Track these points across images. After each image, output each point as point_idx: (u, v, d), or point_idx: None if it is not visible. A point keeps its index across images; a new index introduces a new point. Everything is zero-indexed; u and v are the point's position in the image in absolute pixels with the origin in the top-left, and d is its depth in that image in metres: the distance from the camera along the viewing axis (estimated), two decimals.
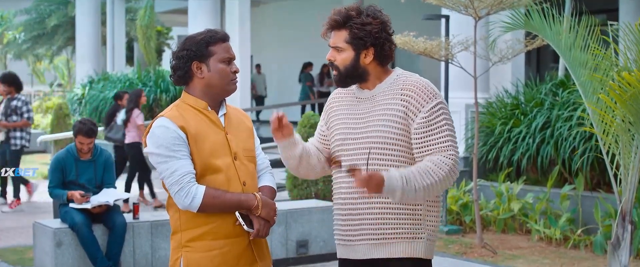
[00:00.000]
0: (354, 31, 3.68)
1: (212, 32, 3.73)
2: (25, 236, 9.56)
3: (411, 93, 3.65)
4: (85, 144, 7.63)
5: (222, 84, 3.72)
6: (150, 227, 7.59)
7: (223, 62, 3.71)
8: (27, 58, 33.39)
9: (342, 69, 3.73)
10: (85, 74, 23.14)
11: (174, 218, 3.74)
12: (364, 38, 3.67)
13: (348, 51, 3.71)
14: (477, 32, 8.93)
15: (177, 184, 3.58)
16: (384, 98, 3.71)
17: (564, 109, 9.93)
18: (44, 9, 27.89)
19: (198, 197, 3.58)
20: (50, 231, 7.32)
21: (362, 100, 3.79)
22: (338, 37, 3.72)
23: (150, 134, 3.65)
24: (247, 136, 3.87)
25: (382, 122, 3.67)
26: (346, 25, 3.70)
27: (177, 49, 3.76)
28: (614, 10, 14.25)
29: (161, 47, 26.15)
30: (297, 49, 25.94)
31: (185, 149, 3.61)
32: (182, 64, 3.71)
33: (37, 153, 19.28)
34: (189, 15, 18.52)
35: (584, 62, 6.80)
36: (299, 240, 8.14)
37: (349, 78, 3.75)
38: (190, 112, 3.70)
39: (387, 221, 3.68)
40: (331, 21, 3.74)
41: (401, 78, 3.74)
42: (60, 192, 7.51)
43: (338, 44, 3.72)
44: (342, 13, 3.72)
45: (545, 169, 10.07)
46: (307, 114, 10.63)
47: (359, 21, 3.68)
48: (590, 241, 8.89)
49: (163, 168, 3.61)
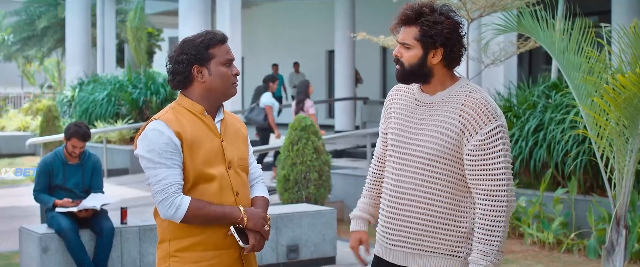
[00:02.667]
0: (425, 28, 3.51)
1: (211, 34, 3.59)
2: (12, 241, 9.45)
3: (471, 112, 3.49)
4: (78, 147, 7.52)
5: (223, 87, 3.59)
6: (139, 232, 7.50)
7: (224, 65, 3.58)
8: (17, 60, 33.23)
9: (406, 67, 3.56)
10: (75, 76, 23.02)
11: (162, 226, 3.61)
12: (435, 37, 3.50)
13: (416, 49, 3.54)
14: (469, 35, 8.86)
15: (162, 192, 3.46)
16: (443, 108, 3.55)
17: (557, 111, 9.87)
18: (33, 10, 27.78)
19: (182, 209, 3.46)
20: (36, 236, 7.21)
21: (421, 104, 3.63)
22: (407, 33, 3.55)
23: (143, 136, 3.52)
24: (243, 144, 3.75)
25: (436, 135, 3.53)
26: (417, 21, 3.53)
27: (174, 52, 3.60)
28: (605, 12, 14.22)
29: (152, 48, 26.07)
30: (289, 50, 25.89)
31: (177, 157, 3.49)
32: (182, 69, 3.56)
33: (26, 156, 19.17)
34: (180, 17, 18.43)
35: (578, 65, 6.73)
36: (290, 245, 8.05)
37: (412, 76, 3.59)
38: (186, 116, 3.57)
39: (428, 233, 3.57)
40: (402, 16, 3.57)
41: (464, 90, 3.56)
42: (47, 198, 7.40)
43: (407, 41, 3.55)
44: (415, 9, 3.54)
45: (538, 172, 10.01)
46: (298, 117, 10.54)
47: (431, 19, 3.51)
48: (584, 245, 8.82)
49: (150, 174, 3.49)
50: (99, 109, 19.59)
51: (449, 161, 3.52)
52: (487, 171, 3.47)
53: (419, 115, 3.62)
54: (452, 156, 3.51)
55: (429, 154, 3.52)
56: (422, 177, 3.54)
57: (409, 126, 3.63)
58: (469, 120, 3.48)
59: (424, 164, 3.53)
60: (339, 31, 20.43)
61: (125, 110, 19.40)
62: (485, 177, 3.48)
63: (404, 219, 3.60)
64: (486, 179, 3.48)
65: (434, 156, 3.52)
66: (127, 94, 19.22)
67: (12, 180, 15.87)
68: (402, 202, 3.60)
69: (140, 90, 19.32)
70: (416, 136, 3.58)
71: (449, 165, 3.52)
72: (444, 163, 3.52)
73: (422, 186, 3.55)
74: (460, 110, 3.50)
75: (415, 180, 3.55)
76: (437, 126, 3.53)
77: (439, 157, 3.51)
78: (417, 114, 3.63)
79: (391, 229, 3.66)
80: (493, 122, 3.47)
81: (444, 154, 3.51)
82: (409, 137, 3.61)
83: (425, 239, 3.58)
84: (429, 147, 3.52)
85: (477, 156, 3.48)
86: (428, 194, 3.54)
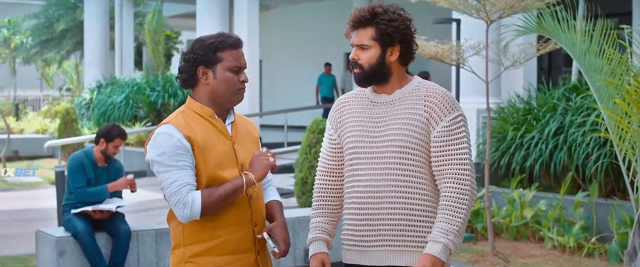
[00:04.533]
0: (382, 27, 3.53)
1: (223, 37, 3.51)
2: (29, 244, 9.42)
3: (435, 100, 3.54)
4: (119, 147, 7.54)
5: (227, 93, 3.52)
6: (155, 236, 7.45)
7: (231, 70, 3.50)
8: (36, 62, 33.33)
9: (366, 68, 3.57)
10: (94, 79, 23.08)
11: (176, 231, 3.57)
12: (392, 34, 3.53)
13: (374, 49, 3.55)
14: (488, 36, 8.77)
15: (175, 194, 3.40)
16: (405, 103, 3.58)
17: (578, 114, 9.76)
18: (52, 13, 27.83)
19: (196, 203, 3.39)
20: (52, 240, 7.18)
21: (379, 104, 3.64)
22: (363, 35, 3.57)
23: (152, 141, 3.47)
24: (255, 147, 3.70)
25: (404, 126, 3.54)
26: (373, 22, 3.54)
27: (186, 50, 3.56)
28: (626, 13, 14.08)
29: (170, 51, 26.06)
30: (307, 53, 25.84)
31: (188, 159, 3.43)
32: (188, 67, 3.51)
33: (44, 158, 19.20)
34: (197, 20, 18.42)
35: (600, 67, 6.64)
36: (307, 248, 7.96)
37: (373, 77, 3.59)
38: (196, 119, 3.52)
39: (410, 228, 3.54)
40: (356, 18, 3.58)
41: (423, 85, 3.61)
42: (98, 189, 7.34)
43: (364, 42, 3.56)
44: (368, 10, 3.56)
45: (559, 175, 9.91)
46: (316, 119, 10.48)
47: (386, 17, 3.53)
48: (605, 249, 8.71)
49: (163, 177, 3.43)
50: (117, 111, 19.62)
51: (420, 151, 3.53)
52: (453, 155, 3.51)
53: (380, 114, 3.61)
54: (422, 145, 3.53)
55: (400, 147, 3.52)
56: (397, 172, 3.52)
57: (371, 126, 3.61)
58: (433, 109, 3.53)
59: (396, 158, 3.52)
60: None
61: (143, 112, 19.43)
62: (452, 162, 3.51)
63: (383, 217, 3.56)
64: (452, 163, 3.50)
65: (405, 148, 3.52)
66: (145, 97, 19.23)
67: (30, 182, 15.90)
68: (378, 201, 3.56)
69: (158, 93, 19.33)
70: (383, 132, 3.57)
71: (421, 156, 3.53)
72: (416, 154, 3.52)
73: (398, 181, 3.52)
74: (424, 100, 3.55)
75: (390, 176, 3.53)
76: (403, 118, 3.55)
77: (411, 149, 3.52)
78: (377, 113, 3.62)
79: (368, 230, 3.60)
80: (455, 111, 3.54)
81: (414, 145, 3.52)
82: (375, 135, 3.58)
83: (408, 235, 3.55)
84: (399, 140, 3.52)
85: (443, 142, 3.51)
86: (406, 187, 3.53)
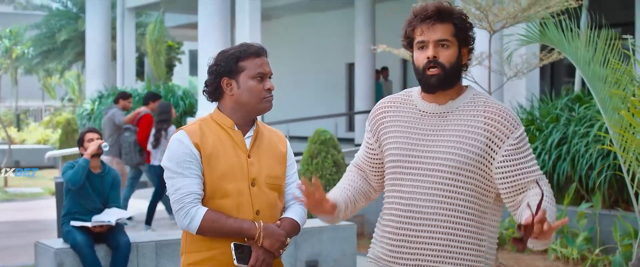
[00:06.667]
0: (460, 25, 3.24)
1: (245, 46, 3.53)
2: (28, 255, 9.38)
3: (497, 117, 3.24)
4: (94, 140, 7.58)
5: (252, 102, 3.51)
6: (155, 247, 7.39)
7: (254, 78, 3.49)
8: (37, 73, 33.35)
9: (448, 67, 3.24)
10: (95, 89, 23.06)
11: (183, 238, 3.59)
12: (467, 34, 3.27)
13: (454, 47, 3.25)
14: (491, 46, 8.73)
15: (178, 202, 3.42)
16: (460, 117, 3.26)
17: (581, 125, 9.71)
18: (54, 23, 27.83)
19: (196, 220, 3.40)
20: (51, 252, 7.12)
21: (428, 115, 3.32)
22: (443, 30, 3.23)
23: (168, 147, 3.51)
24: (277, 162, 3.63)
25: (458, 145, 3.23)
26: (452, 17, 3.24)
27: (210, 63, 3.57)
28: (629, 23, 14.04)
29: (171, 61, 26.05)
30: (309, 63, 25.81)
31: (196, 167, 3.44)
32: (212, 80, 3.54)
33: (46, 168, 19.17)
34: (199, 30, 18.37)
35: (604, 76, 6.59)
36: (309, 260, 7.92)
37: (452, 80, 3.27)
38: (214, 128, 3.52)
39: (450, 253, 3.26)
40: (436, 10, 3.23)
41: (481, 98, 3.31)
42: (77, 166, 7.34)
43: (446, 37, 3.23)
44: (444, 5, 3.25)
45: (562, 186, 9.85)
46: (318, 130, 10.41)
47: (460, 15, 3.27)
48: (609, 261, 8.64)
49: (170, 184, 3.46)
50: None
51: (473, 173, 3.23)
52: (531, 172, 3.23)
53: (429, 127, 3.30)
54: (476, 167, 3.23)
55: (451, 167, 3.21)
56: (443, 194, 3.23)
57: (418, 139, 3.30)
58: (496, 127, 3.23)
59: (445, 178, 3.22)
60: (359, 44, 20.32)
61: None
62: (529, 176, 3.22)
63: (422, 241, 3.27)
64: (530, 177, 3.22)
65: (457, 168, 3.21)
66: None
67: (30, 193, 15.86)
68: (418, 223, 3.26)
69: None
70: (432, 149, 3.26)
71: (473, 178, 3.23)
72: (467, 176, 3.23)
73: (443, 203, 3.23)
74: (483, 118, 3.24)
75: (436, 197, 3.23)
76: (458, 136, 3.23)
77: (463, 170, 3.22)
78: (426, 125, 3.31)
79: (405, 253, 3.31)
80: (519, 128, 3.26)
81: (468, 167, 3.22)
82: (422, 151, 3.27)
83: (446, 261, 3.27)
84: (451, 159, 3.22)
85: (516, 160, 3.23)
86: (451, 211, 3.23)
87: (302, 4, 23.27)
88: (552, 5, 8.19)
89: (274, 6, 22.94)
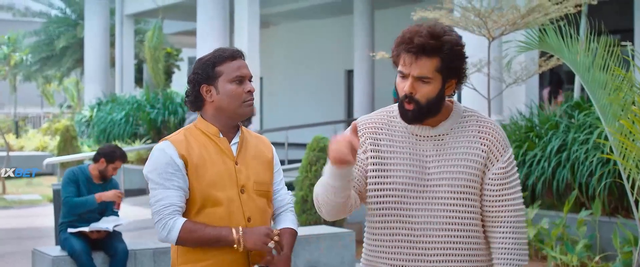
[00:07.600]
0: (447, 59, 3.02)
1: (220, 51, 3.45)
2: (25, 263, 9.33)
3: (491, 138, 3.14)
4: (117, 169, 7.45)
5: (232, 106, 3.43)
6: (153, 255, 7.36)
7: (232, 82, 3.41)
8: (36, 80, 33.30)
9: (423, 104, 3.04)
10: (94, 96, 23.04)
11: (173, 250, 3.52)
12: (456, 67, 3.05)
13: (435, 82, 3.04)
14: (490, 53, 8.71)
15: (157, 214, 3.36)
16: (457, 139, 3.14)
17: (581, 131, 9.68)
18: (52, 30, 27.81)
19: (174, 231, 3.34)
20: (48, 259, 7.09)
21: (423, 138, 3.15)
22: (426, 65, 3.01)
23: (150, 156, 3.44)
24: (264, 168, 3.57)
25: (463, 169, 3.10)
26: (439, 51, 3.01)
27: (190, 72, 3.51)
28: (628, 30, 14.04)
29: (170, 68, 26.04)
30: (308, 70, 25.80)
31: (178, 179, 3.37)
32: (192, 89, 3.47)
33: (44, 176, 19.11)
34: (198, 37, 18.39)
35: (604, 82, 6.56)
36: None
37: (428, 113, 3.08)
38: (198, 137, 3.45)
39: None
40: (420, 46, 3.01)
41: (472, 116, 3.18)
42: (85, 198, 7.18)
43: (426, 74, 3.02)
44: (430, 35, 3.00)
45: (561, 193, 9.81)
46: (317, 137, 10.38)
47: (450, 46, 3.02)
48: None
49: (151, 194, 3.42)
50: (117, 128, 19.57)
51: (477, 194, 3.13)
52: (511, 200, 3.14)
53: (428, 152, 3.14)
54: (478, 187, 3.13)
55: (459, 193, 3.09)
56: (453, 220, 3.10)
57: (420, 165, 3.13)
58: (491, 148, 3.13)
59: (454, 204, 3.09)
60: (357, 50, 20.32)
61: (143, 130, 19.38)
62: (508, 208, 3.14)
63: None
64: (509, 210, 3.14)
65: (466, 192, 3.10)
66: (145, 114, 19.19)
67: (28, 200, 15.83)
68: (424, 251, 3.12)
69: (159, 110, 19.28)
70: (434, 174, 3.12)
71: (476, 202, 3.13)
72: (473, 199, 3.12)
73: (455, 230, 3.11)
74: (479, 138, 3.13)
75: (446, 225, 3.10)
76: (460, 160, 3.12)
77: (469, 194, 3.11)
78: (424, 150, 3.15)
79: None
80: (508, 149, 3.16)
81: (472, 189, 3.11)
82: (426, 178, 3.12)
83: None
84: (459, 185, 3.10)
85: (500, 186, 3.13)
86: (462, 238, 3.12)
87: (300, 10, 23.28)
88: (551, 11, 8.18)
89: (272, 13, 22.96)
